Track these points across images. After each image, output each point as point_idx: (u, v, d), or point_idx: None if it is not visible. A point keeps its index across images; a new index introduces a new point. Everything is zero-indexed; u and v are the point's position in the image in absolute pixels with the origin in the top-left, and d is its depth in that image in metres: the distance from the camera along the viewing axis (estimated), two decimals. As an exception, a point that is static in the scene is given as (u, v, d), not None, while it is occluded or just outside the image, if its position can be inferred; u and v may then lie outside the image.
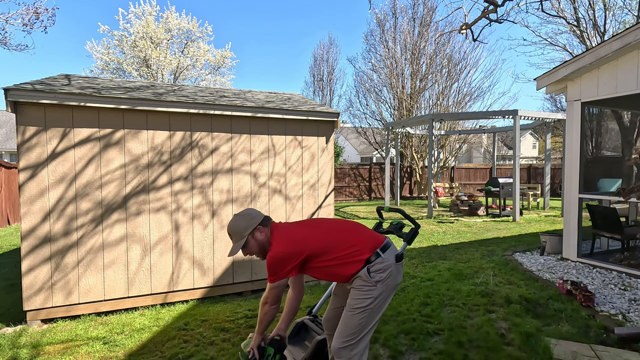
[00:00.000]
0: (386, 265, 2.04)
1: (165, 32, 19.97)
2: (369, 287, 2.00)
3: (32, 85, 3.81)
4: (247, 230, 2.03)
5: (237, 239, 2.04)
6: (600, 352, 2.91)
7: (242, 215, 2.09)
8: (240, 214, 2.11)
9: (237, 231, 2.04)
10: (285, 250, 1.97)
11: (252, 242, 2.04)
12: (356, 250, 2.05)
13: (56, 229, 3.80)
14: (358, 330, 1.98)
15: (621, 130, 9.35)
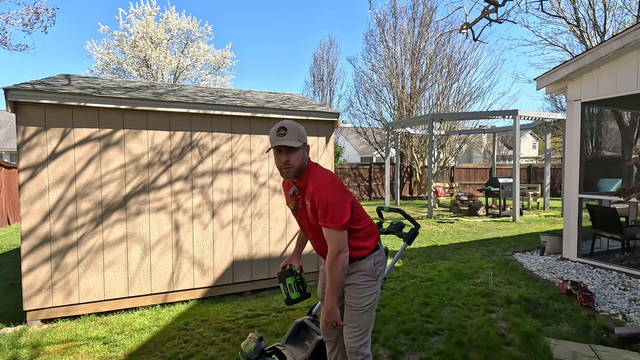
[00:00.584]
0: (383, 258, 2.11)
1: (165, 32, 19.97)
2: (373, 282, 2.00)
3: (32, 85, 3.81)
4: (304, 138, 1.92)
5: (294, 137, 1.87)
6: (600, 352, 2.91)
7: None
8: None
9: (298, 132, 1.89)
10: (338, 183, 1.92)
11: (302, 151, 1.90)
12: (372, 229, 2.06)
13: (56, 229, 3.80)
14: (368, 326, 2.01)
15: (621, 130, 9.35)
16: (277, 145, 1.85)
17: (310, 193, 1.88)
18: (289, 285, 2.12)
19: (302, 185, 1.94)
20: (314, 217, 1.90)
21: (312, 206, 1.88)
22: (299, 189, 1.95)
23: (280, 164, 1.89)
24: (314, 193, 1.86)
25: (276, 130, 1.88)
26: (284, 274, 2.15)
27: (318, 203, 1.85)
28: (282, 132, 1.86)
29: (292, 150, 1.87)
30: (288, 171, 1.89)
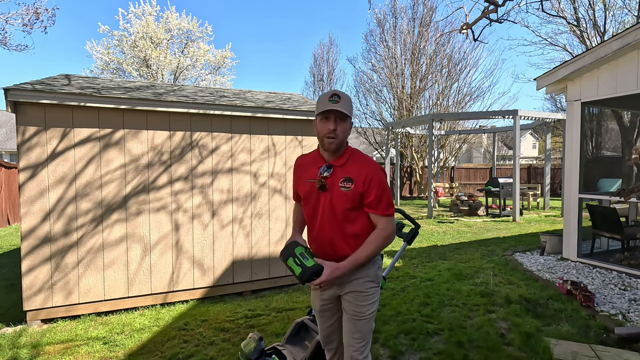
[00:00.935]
0: (382, 262, 2.02)
1: (165, 32, 19.97)
2: (376, 288, 1.88)
3: (32, 85, 3.81)
4: (352, 114, 1.78)
5: (347, 107, 1.72)
6: (600, 352, 2.91)
7: None
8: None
9: (350, 104, 1.77)
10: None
11: (349, 124, 1.77)
12: None
13: (56, 229, 3.80)
14: (370, 335, 1.90)
15: (621, 130, 9.35)
16: (327, 110, 1.67)
17: (362, 175, 1.71)
18: (301, 254, 1.75)
19: (338, 164, 1.76)
20: (348, 201, 1.72)
21: (358, 189, 1.71)
22: (332, 167, 1.76)
23: (325, 131, 1.70)
24: (370, 176, 1.71)
25: (328, 95, 1.71)
26: (290, 246, 1.82)
27: (372, 186, 1.71)
28: (335, 98, 1.69)
29: (342, 118, 1.71)
30: (331, 142, 1.71)
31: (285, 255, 1.79)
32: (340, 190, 1.72)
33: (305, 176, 1.83)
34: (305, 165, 1.88)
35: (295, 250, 1.76)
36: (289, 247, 1.81)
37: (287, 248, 1.80)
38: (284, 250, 1.81)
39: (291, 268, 1.75)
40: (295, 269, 1.73)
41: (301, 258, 1.72)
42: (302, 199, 1.88)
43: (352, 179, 1.72)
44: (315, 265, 1.69)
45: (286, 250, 1.80)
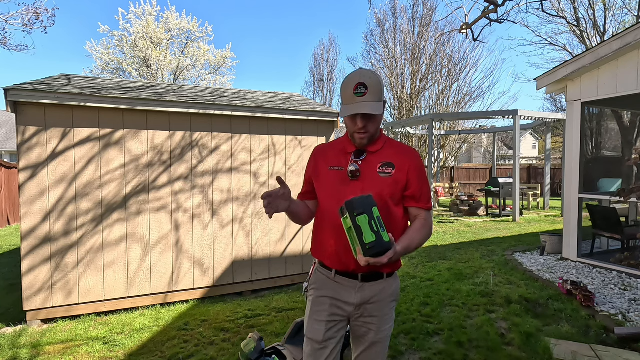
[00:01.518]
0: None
1: (165, 32, 19.97)
2: (395, 305, 1.64)
3: (32, 85, 3.81)
4: (383, 93, 1.49)
5: (376, 97, 1.45)
6: (600, 352, 2.91)
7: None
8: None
9: (379, 87, 1.46)
10: None
11: (381, 113, 1.49)
12: None
13: (56, 229, 3.80)
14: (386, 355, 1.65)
15: (621, 130, 9.35)
16: (354, 113, 1.42)
17: (406, 162, 1.52)
18: (378, 219, 1.28)
19: (373, 149, 1.54)
20: (388, 187, 1.49)
21: (401, 176, 1.50)
22: (366, 153, 1.54)
23: (354, 128, 1.49)
24: (414, 164, 1.53)
25: (353, 86, 1.43)
26: (367, 199, 1.30)
27: (415, 176, 1.52)
28: (361, 90, 1.42)
29: (375, 115, 1.47)
30: (362, 137, 1.50)
31: (359, 208, 1.27)
32: (379, 176, 1.50)
33: (328, 164, 1.59)
34: (328, 153, 1.63)
35: (374, 210, 1.28)
36: (365, 200, 1.29)
37: (364, 200, 1.29)
38: (356, 201, 1.29)
39: (359, 228, 1.26)
40: (366, 233, 1.25)
41: (378, 225, 1.27)
42: (321, 191, 1.60)
43: (392, 164, 1.51)
44: (390, 243, 1.28)
45: (361, 202, 1.29)
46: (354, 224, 1.27)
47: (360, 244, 1.27)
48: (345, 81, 1.48)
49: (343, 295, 1.56)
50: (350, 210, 1.28)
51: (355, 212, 1.27)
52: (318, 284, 1.63)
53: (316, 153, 1.69)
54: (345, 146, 1.59)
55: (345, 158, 1.56)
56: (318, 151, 1.69)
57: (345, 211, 1.30)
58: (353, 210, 1.28)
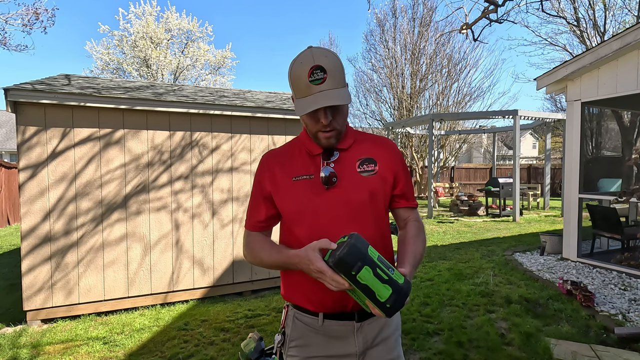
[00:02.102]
0: None
1: (165, 32, 19.97)
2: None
3: (32, 85, 3.81)
4: (345, 80, 1.17)
5: (338, 81, 1.11)
6: (600, 352, 2.91)
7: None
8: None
9: (340, 69, 1.12)
10: None
11: (346, 105, 1.18)
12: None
13: (56, 229, 3.80)
14: None
15: (621, 130, 9.35)
16: (314, 109, 1.07)
17: (387, 155, 1.25)
18: (381, 261, 0.97)
19: (344, 146, 1.23)
20: (373, 188, 1.19)
21: (386, 173, 1.22)
22: (339, 152, 1.22)
23: (317, 127, 1.15)
24: (396, 158, 1.27)
25: (307, 72, 1.08)
26: (357, 243, 0.95)
27: (401, 172, 1.27)
28: (318, 75, 1.08)
29: (337, 107, 1.15)
30: (329, 136, 1.16)
31: (354, 263, 0.91)
32: (361, 176, 1.19)
33: (290, 174, 1.21)
34: (286, 161, 1.25)
35: (371, 253, 0.95)
36: (354, 247, 0.93)
37: (353, 249, 0.93)
38: (345, 255, 0.92)
39: (366, 288, 0.92)
40: (378, 290, 0.92)
41: (385, 268, 0.95)
42: (289, 211, 1.21)
43: (373, 159, 1.23)
44: (407, 282, 0.99)
45: (352, 253, 0.92)
46: (358, 285, 0.93)
47: (375, 304, 0.94)
48: (294, 67, 1.11)
49: (340, 348, 1.18)
50: (345, 271, 0.92)
51: (353, 271, 0.91)
52: (301, 340, 1.21)
53: (268, 162, 1.26)
54: (308, 148, 1.23)
55: (313, 162, 1.21)
56: (270, 159, 1.27)
57: (339, 268, 0.94)
58: (349, 269, 0.91)
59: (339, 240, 1.01)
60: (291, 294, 1.25)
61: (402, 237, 1.26)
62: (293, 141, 1.31)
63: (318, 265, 0.99)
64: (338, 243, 0.99)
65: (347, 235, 0.99)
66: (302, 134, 1.29)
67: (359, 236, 0.98)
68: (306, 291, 1.19)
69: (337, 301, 1.16)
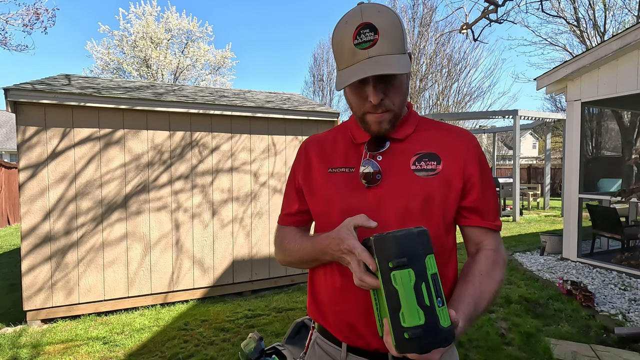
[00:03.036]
0: None
1: (165, 32, 19.98)
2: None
3: (32, 85, 3.81)
4: (407, 46, 0.88)
5: (395, 44, 0.83)
6: (600, 352, 2.91)
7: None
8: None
9: (399, 29, 0.84)
10: None
11: (408, 73, 0.86)
12: None
13: (57, 228, 3.80)
14: None
15: (621, 130, 9.35)
16: (360, 77, 0.81)
17: (460, 150, 0.93)
18: (435, 281, 0.68)
19: (400, 135, 0.95)
20: (436, 195, 0.89)
21: (454, 174, 0.91)
22: (389, 142, 0.94)
23: (365, 106, 0.89)
24: (472, 153, 0.93)
25: (353, 32, 0.82)
26: (416, 241, 0.69)
27: (473, 174, 0.92)
28: (367, 36, 0.81)
29: (392, 79, 0.86)
30: (381, 122, 0.89)
31: (399, 254, 0.68)
32: (415, 175, 0.90)
33: (327, 164, 0.98)
34: (326, 147, 1.02)
35: (428, 263, 0.69)
36: (413, 238, 0.69)
37: (409, 239, 0.69)
38: (394, 238, 0.69)
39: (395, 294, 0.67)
40: (408, 307, 0.66)
41: (433, 292, 0.67)
42: (316, 214, 1.00)
43: (437, 156, 0.92)
44: (450, 329, 0.67)
45: (404, 242, 0.69)
46: (386, 285, 0.68)
47: (392, 324, 0.67)
48: (337, 29, 0.86)
49: None
50: (383, 257, 0.69)
51: (391, 263, 0.67)
52: None
53: (307, 148, 1.06)
54: (354, 134, 0.99)
55: (357, 152, 0.96)
56: (309, 145, 1.06)
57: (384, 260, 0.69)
58: (389, 257, 0.68)
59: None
60: (315, 311, 1.00)
61: (466, 270, 0.93)
62: (340, 125, 1.07)
63: (349, 243, 0.77)
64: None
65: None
66: (349, 120, 1.05)
67: (427, 234, 0.69)
68: (328, 313, 0.95)
69: (358, 336, 0.90)
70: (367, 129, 0.93)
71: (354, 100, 0.90)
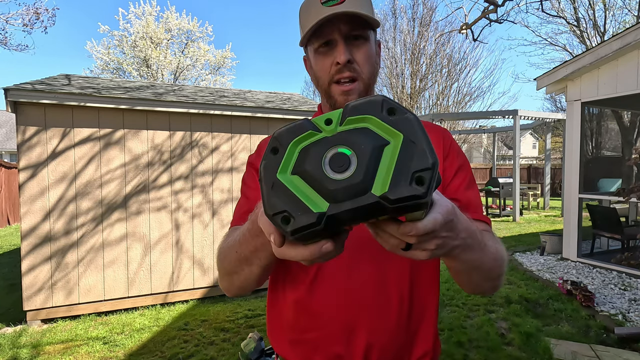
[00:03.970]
0: None
1: (165, 32, 19.97)
2: None
3: (32, 85, 3.81)
4: (375, 18, 0.79)
5: (364, 6, 0.78)
6: (600, 352, 2.91)
7: None
8: None
9: (368, 1, 0.81)
10: None
11: (376, 41, 0.84)
12: None
13: (57, 228, 3.80)
14: None
15: (621, 130, 9.34)
16: (320, 20, 0.75)
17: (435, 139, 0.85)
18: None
19: None
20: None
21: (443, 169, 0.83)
22: None
23: (329, 73, 0.80)
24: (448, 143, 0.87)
25: None
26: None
27: (451, 164, 0.84)
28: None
29: (360, 33, 0.78)
30: (348, 90, 0.79)
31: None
32: None
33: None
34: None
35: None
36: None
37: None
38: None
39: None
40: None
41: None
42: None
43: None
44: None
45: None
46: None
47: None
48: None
49: None
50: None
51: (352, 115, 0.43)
52: None
53: (261, 149, 0.92)
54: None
55: None
56: (264, 144, 0.93)
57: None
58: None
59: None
60: (276, 335, 0.85)
61: None
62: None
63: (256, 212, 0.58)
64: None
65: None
66: (318, 106, 0.96)
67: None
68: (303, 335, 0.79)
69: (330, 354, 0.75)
70: (332, 104, 0.83)
71: (318, 67, 0.82)
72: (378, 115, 0.40)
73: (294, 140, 0.42)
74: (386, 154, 0.39)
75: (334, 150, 0.40)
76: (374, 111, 0.40)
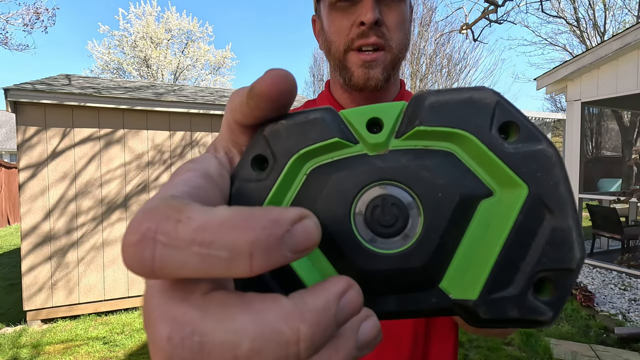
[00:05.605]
0: None
1: (165, 32, 19.99)
2: None
3: (32, 85, 3.81)
4: None
5: None
6: (600, 352, 2.91)
7: None
8: None
9: None
10: None
11: (408, 5, 0.64)
12: None
13: (57, 228, 3.80)
14: None
15: (621, 130, 9.35)
16: None
17: None
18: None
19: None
20: None
21: None
22: None
23: (349, 36, 0.60)
24: None
25: None
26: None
27: None
28: None
29: (399, 7, 0.61)
30: (371, 61, 0.59)
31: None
32: None
33: None
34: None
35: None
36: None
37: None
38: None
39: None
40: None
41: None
42: None
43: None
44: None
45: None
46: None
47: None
48: None
49: None
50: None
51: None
52: None
53: None
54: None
55: None
56: None
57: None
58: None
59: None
60: None
61: None
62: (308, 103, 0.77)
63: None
64: None
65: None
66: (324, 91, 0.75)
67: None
68: None
69: None
70: (347, 80, 0.62)
71: (334, 29, 0.62)
72: (480, 134, 0.19)
73: (301, 150, 0.20)
74: (483, 218, 0.19)
75: (379, 188, 0.19)
76: (475, 122, 0.19)
